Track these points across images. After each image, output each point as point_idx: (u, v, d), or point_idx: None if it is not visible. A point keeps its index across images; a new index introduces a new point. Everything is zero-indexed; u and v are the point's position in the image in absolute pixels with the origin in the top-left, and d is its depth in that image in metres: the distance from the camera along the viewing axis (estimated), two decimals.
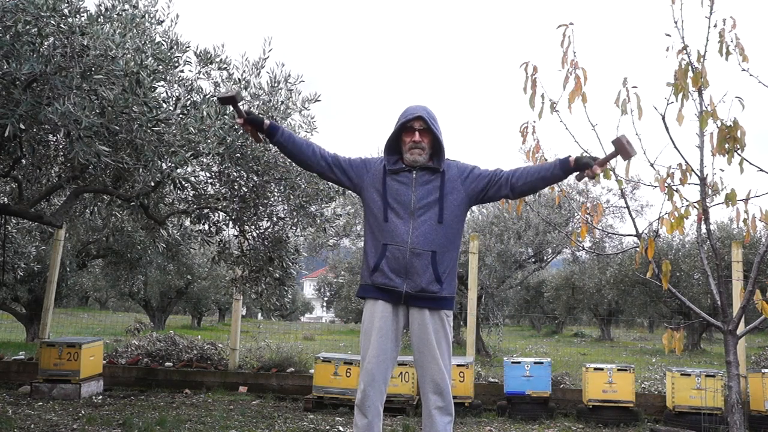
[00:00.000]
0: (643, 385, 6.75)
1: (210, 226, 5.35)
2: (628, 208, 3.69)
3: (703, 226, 3.07)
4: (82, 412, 5.37)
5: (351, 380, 5.92)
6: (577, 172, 2.85)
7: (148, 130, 3.57)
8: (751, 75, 2.91)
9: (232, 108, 3.17)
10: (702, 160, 3.04)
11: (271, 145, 3.18)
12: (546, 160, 3.34)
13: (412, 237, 2.90)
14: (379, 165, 3.06)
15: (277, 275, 5.35)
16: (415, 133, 2.96)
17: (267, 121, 3.00)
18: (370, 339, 2.96)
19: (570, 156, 2.85)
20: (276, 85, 4.57)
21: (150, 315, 17.66)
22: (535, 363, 6.04)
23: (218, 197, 4.98)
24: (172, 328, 14.65)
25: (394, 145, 3.05)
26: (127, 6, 3.95)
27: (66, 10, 3.29)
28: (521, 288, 17.54)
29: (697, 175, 3.02)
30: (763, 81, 2.94)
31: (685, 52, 2.94)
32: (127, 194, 4.60)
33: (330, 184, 4.91)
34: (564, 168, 2.86)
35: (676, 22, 2.98)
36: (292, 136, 3.04)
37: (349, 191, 3.44)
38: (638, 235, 3.20)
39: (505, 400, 6.03)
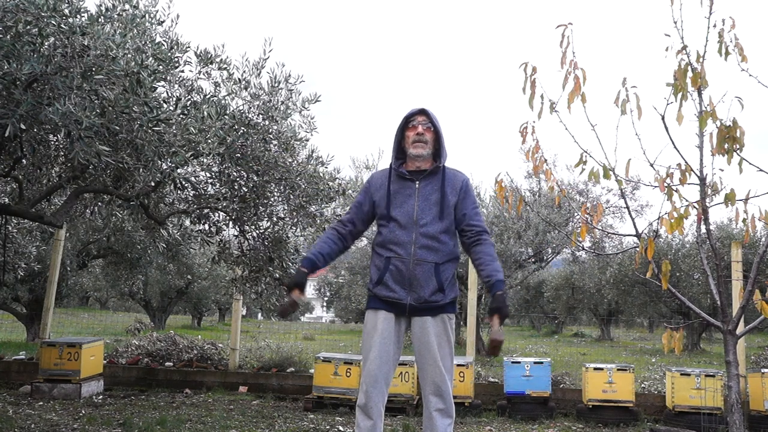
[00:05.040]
0: (642, 385, 6.75)
1: (210, 226, 5.35)
2: (627, 208, 3.70)
3: (703, 226, 3.07)
4: (83, 411, 5.38)
5: (351, 380, 5.93)
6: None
7: (149, 130, 3.57)
8: (750, 75, 2.91)
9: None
10: (701, 160, 3.04)
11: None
12: (545, 160, 3.35)
13: (416, 248, 2.93)
14: (381, 179, 3.11)
15: (277, 275, 5.35)
16: (419, 126, 3.04)
17: (305, 269, 3.04)
18: (372, 340, 2.97)
19: (498, 292, 2.87)
20: (276, 85, 4.58)
21: (150, 315, 17.66)
22: (535, 363, 6.04)
23: (218, 197, 4.98)
24: (172, 328, 14.65)
25: (399, 149, 3.11)
26: (127, 6, 3.96)
27: (66, 11, 3.29)
28: (521, 288, 17.55)
29: (696, 175, 3.02)
30: (762, 81, 2.94)
31: (684, 52, 2.95)
32: (127, 194, 4.61)
33: (330, 184, 4.94)
34: (488, 292, 2.93)
35: (675, 23, 2.99)
36: (322, 255, 3.08)
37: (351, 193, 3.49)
38: (638, 235, 3.21)
39: (505, 399, 6.03)
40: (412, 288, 2.92)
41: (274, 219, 5.15)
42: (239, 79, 4.52)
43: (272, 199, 5.04)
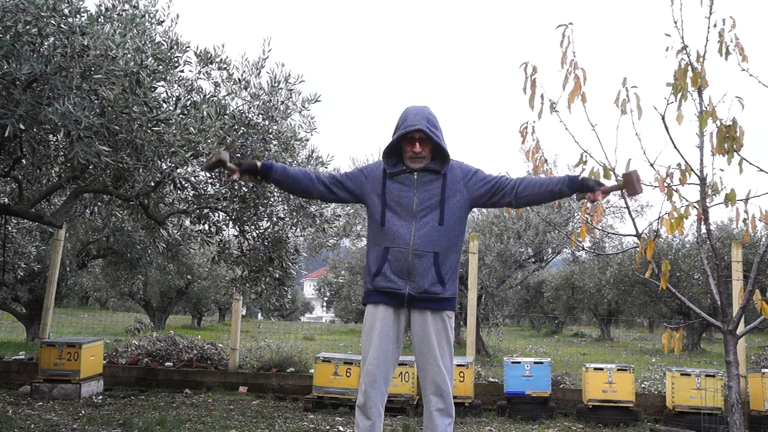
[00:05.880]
0: (643, 385, 6.75)
1: (210, 226, 5.35)
2: (628, 208, 3.70)
3: (703, 226, 3.07)
4: (82, 412, 5.38)
5: (351, 380, 5.93)
6: (580, 193, 2.84)
7: (148, 130, 3.57)
8: (750, 75, 2.91)
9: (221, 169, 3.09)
10: (702, 160, 3.04)
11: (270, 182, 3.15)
12: (546, 160, 3.35)
13: (415, 238, 2.89)
14: (379, 169, 3.04)
15: (277, 275, 5.35)
16: (416, 144, 2.93)
17: (259, 163, 3.01)
18: (371, 340, 2.95)
19: (579, 175, 2.84)
20: (276, 85, 4.57)
21: (150, 315, 17.66)
22: (535, 363, 6.04)
23: (218, 197, 4.98)
24: (172, 328, 14.65)
25: (394, 148, 3.02)
26: (127, 6, 3.96)
27: (66, 10, 3.29)
28: (521, 288, 17.54)
29: (696, 175, 3.02)
30: (762, 81, 2.94)
31: (684, 52, 2.95)
32: (127, 194, 4.60)
33: None
34: (572, 186, 2.84)
35: (675, 22, 2.99)
36: (285, 170, 3.04)
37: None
38: (638, 235, 3.20)
39: (505, 400, 6.03)
40: (411, 278, 2.89)
41: (274, 219, 5.15)
42: (239, 79, 4.51)
43: (272, 199, 5.04)
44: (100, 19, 3.42)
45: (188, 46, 4.15)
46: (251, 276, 5.47)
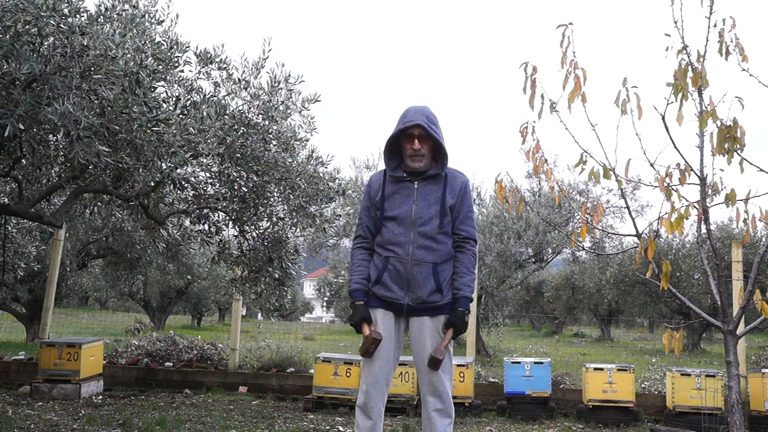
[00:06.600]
0: (643, 385, 6.75)
1: (210, 226, 5.35)
2: (628, 208, 3.69)
3: (703, 226, 3.07)
4: (82, 412, 5.37)
5: (351, 380, 5.92)
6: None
7: (148, 130, 3.57)
8: (751, 75, 2.91)
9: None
10: (702, 160, 3.03)
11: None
12: (546, 160, 3.34)
13: (414, 248, 2.92)
14: (378, 181, 3.07)
15: (277, 275, 5.35)
16: (415, 141, 2.95)
17: (362, 301, 2.99)
18: None
19: (459, 308, 2.92)
20: (276, 85, 4.58)
21: (150, 315, 17.66)
22: (535, 363, 6.03)
23: (218, 197, 4.98)
24: (172, 328, 14.65)
25: (394, 146, 3.04)
26: (127, 6, 3.96)
27: (66, 10, 3.29)
28: (521, 288, 17.54)
29: (697, 175, 3.01)
30: (763, 81, 2.94)
31: (684, 52, 2.94)
32: (127, 194, 4.60)
33: (330, 184, 4.93)
34: (454, 304, 2.95)
35: (675, 22, 2.98)
36: (366, 278, 3.04)
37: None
38: (638, 235, 3.20)
39: (505, 400, 6.03)
40: (410, 288, 2.92)
41: (274, 219, 5.15)
42: (239, 79, 4.52)
43: (272, 199, 5.04)
44: (99, 19, 3.42)
45: (188, 46, 4.15)
46: (251, 276, 5.47)
